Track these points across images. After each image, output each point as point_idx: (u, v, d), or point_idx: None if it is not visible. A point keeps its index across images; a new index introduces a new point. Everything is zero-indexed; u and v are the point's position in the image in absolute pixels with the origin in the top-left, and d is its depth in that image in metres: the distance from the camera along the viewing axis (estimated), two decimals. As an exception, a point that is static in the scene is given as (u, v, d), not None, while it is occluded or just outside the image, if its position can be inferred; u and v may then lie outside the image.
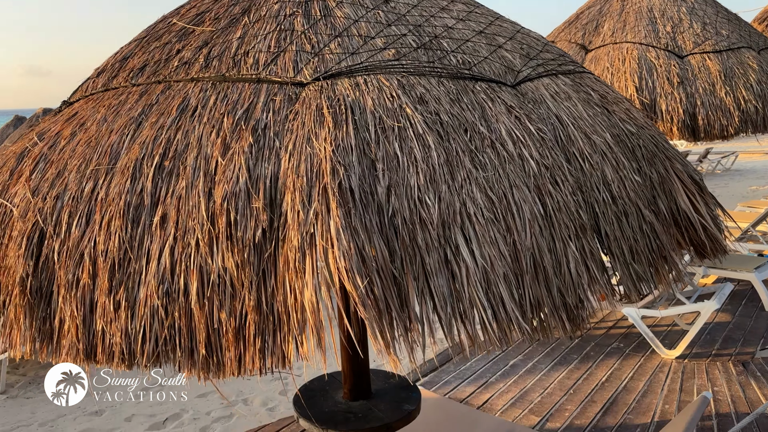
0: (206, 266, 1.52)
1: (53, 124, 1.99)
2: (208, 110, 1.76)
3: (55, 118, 2.04)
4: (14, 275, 1.65)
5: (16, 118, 18.75)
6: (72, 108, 2.06)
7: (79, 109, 2.01)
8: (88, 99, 2.05)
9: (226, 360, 1.52)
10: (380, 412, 2.85)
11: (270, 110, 1.72)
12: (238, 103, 1.76)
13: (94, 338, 1.58)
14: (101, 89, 2.04)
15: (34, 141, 1.89)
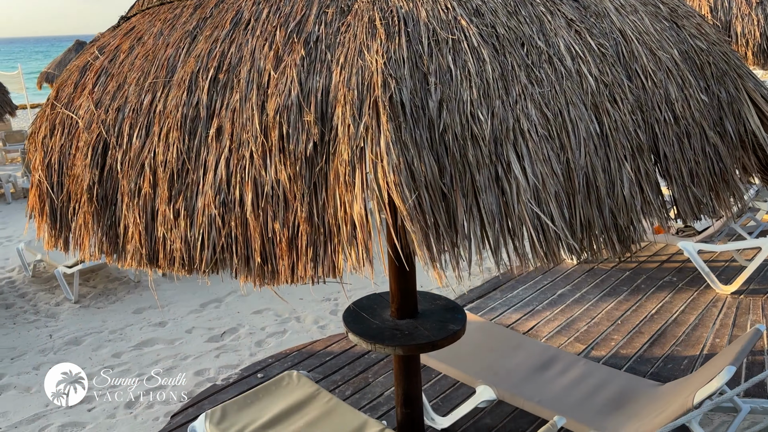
0: (260, 178, 1.56)
1: (112, 38, 2.03)
2: (261, 23, 1.75)
3: (113, 33, 2.08)
4: (82, 184, 1.74)
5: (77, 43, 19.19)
6: (129, 22, 2.09)
7: (136, 24, 2.04)
8: (145, 13, 2.07)
9: (279, 268, 1.59)
10: (426, 330, 2.94)
11: (322, 22, 1.70)
12: (290, 16, 1.74)
13: (156, 245, 1.67)
14: (157, 3, 2.05)
15: (95, 55, 1.94)
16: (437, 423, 3.53)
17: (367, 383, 4.03)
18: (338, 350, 4.51)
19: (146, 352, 5.25)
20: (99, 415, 4.33)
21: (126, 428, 4.16)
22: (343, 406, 3.15)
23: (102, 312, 6.08)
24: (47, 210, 1.84)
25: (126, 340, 5.47)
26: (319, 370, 4.25)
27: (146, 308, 6.15)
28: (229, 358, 5.07)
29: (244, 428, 2.98)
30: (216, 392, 4.09)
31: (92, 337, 5.55)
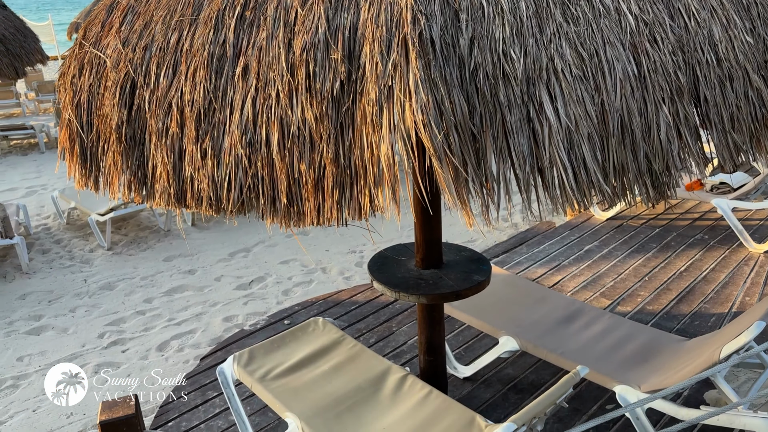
0: (286, 118, 1.55)
1: (138, -23, 2.01)
2: (287, -42, 1.70)
3: (139, -29, 2.05)
4: (110, 123, 1.75)
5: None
6: (155, -40, 2.06)
7: (161, -39, 2.01)
8: (170, -50, 2.04)
9: (305, 210, 1.59)
10: (450, 280, 2.95)
11: (350, -42, 1.65)
12: (317, -49, 1.69)
13: (184, 184, 1.68)
14: (181, -60, 2.01)
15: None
16: (459, 372, 3.58)
17: (390, 332, 4.09)
18: (363, 300, 4.57)
19: (176, 298, 5.39)
20: (132, 356, 4.49)
21: (157, 369, 4.31)
22: (367, 352, 3.20)
23: (133, 259, 6.24)
24: (77, 149, 1.86)
25: (157, 286, 5.63)
26: (344, 319, 4.32)
27: (176, 256, 6.28)
28: (256, 305, 5.19)
29: (271, 371, 3.06)
30: (244, 337, 4.20)
31: (124, 282, 5.72)
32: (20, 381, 4.24)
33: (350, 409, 2.79)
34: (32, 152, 10.82)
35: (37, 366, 4.41)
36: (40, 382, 4.20)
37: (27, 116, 14.10)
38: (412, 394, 2.86)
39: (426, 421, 2.68)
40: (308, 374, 3.05)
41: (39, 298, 5.45)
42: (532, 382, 3.50)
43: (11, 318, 5.11)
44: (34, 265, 6.13)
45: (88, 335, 4.80)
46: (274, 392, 2.90)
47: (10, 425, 3.77)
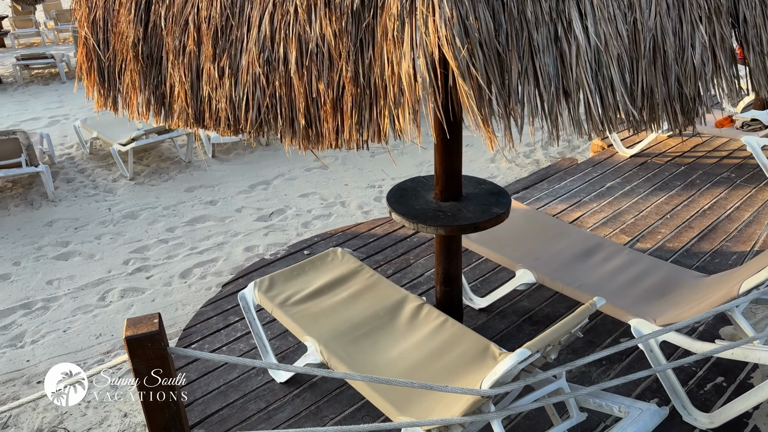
0: (305, 35, 1.51)
1: None
2: None
3: None
4: (127, 41, 1.72)
5: None
6: None
7: None
8: None
9: (324, 131, 1.57)
10: (469, 212, 2.94)
11: None
12: None
13: (202, 104, 1.67)
14: None
15: None
16: (475, 303, 3.63)
17: (408, 264, 4.13)
18: (381, 233, 4.60)
19: (198, 228, 5.48)
20: (156, 282, 4.62)
21: (180, 296, 4.44)
22: (385, 282, 3.25)
23: (155, 189, 6.32)
24: (95, 68, 1.84)
25: (179, 216, 5.72)
26: (362, 250, 4.36)
27: (197, 187, 6.35)
28: (276, 236, 5.26)
29: (290, 297, 3.13)
30: (264, 265, 4.27)
31: (147, 212, 5.81)
32: (50, 303, 4.40)
33: (367, 335, 2.86)
34: (53, 82, 10.82)
35: (66, 289, 4.56)
36: (69, 305, 4.36)
37: (47, 45, 14.04)
38: (428, 321, 2.91)
39: (441, 347, 2.74)
40: (327, 301, 3.11)
41: (65, 225, 5.58)
42: (547, 315, 3.54)
43: (39, 243, 5.26)
44: (59, 194, 6.24)
45: (114, 262, 4.94)
46: (293, 317, 2.98)
47: (42, 344, 3.95)
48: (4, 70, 11.70)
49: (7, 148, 5.82)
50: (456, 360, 2.65)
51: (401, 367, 2.64)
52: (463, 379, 2.52)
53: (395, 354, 2.73)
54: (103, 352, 3.85)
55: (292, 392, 3.04)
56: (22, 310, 4.33)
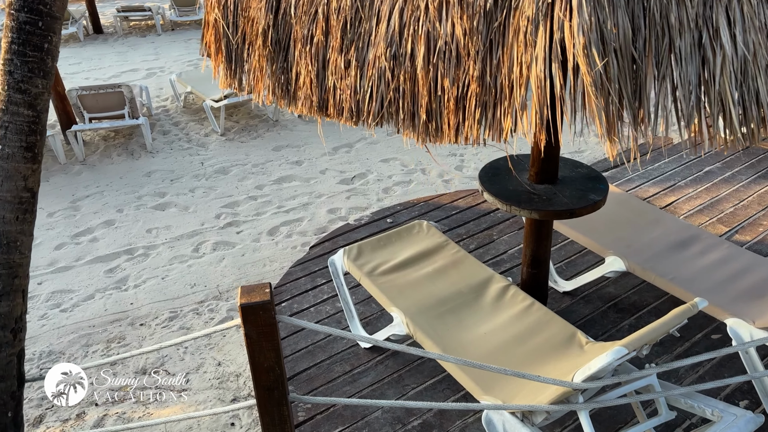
0: (434, 32, 1.52)
1: None
2: None
3: None
4: (257, 27, 1.79)
5: None
6: None
7: None
8: None
9: (444, 127, 1.59)
10: (564, 197, 2.90)
11: None
12: None
13: (326, 93, 1.72)
14: None
15: None
16: (560, 286, 3.61)
17: (491, 240, 4.14)
18: (464, 205, 4.61)
19: (285, 187, 5.67)
20: (246, 238, 4.85)
21: (268, 252, 4.65)
22: (470, 259, 3.28)
23: (245, 146, 6.55)
24: (223, 50, 1.93)
25: (267, 174, 5.92)
26: (444, 222, 4.40)
27: (284, 146, 6.53)
28: (358, 200, 5.37)
29: (377, 267, 3.23)
30: (349, 231, 4.40)
31: (237, 168, 6.06)
32: (150, 251, 4.73)
33: (452, 311, 2.92)
34: (150, 34, 11.25)
35: (164, 239, 4.88)
36: (167, 253, 4.67)
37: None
38: (514, 303, 2.94)
39: (526, 331, 2.77)
40: (413, 274, 3.19)
41: (162, 177, 5.91)
42: (633, 303, 3.48)
43: (139, 193, 5.61)
44: (156, 145, 6.59)
45: (206, 215, 5.21)
46: (381, 287, 3.08)
47: (144, 288, 4.27)
48: (105, 20, 12.25)
49: (113, 100, 6.17)
50: (542, 345, 2.68)
51: (486, 347, 2.70)
52: (549, 366, 2.55)
53: (480, 333, 2.79)
54: (197, 302, 4.12)
55: (375, 358, 3.17)
56: (125, 255, 4.67)
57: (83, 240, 4.88)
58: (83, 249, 4.76)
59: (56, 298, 4.19)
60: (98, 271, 4.48)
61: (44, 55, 2.40)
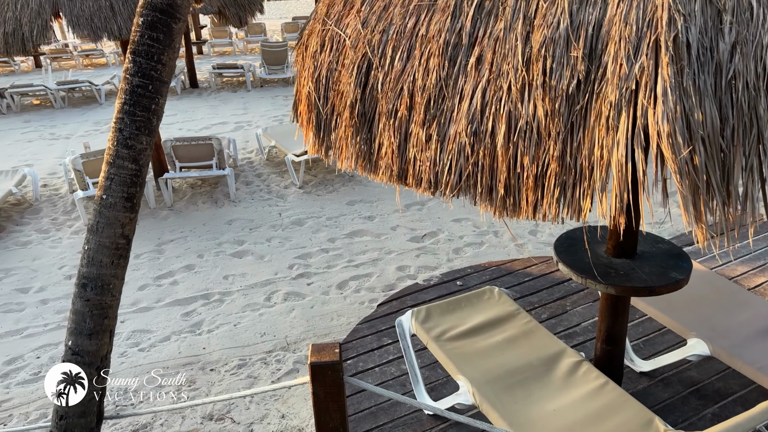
0: (515, 111, 1.56)
1: (379, -43, 2.10)
2: (533, -55, 1.67)
3: (380, -50, 2.14)
4: (345, 100, 1.90)
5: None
6: (395, -61, 2.13)
7: (402, -59, 2.07)
8: (411, -70, 2.09)
9: (522, 203, 1.61)
10: (644, 274, 2.81)
11: (602, -55, 1.57)
12: (566, -63, 1.63)
13: (406, 164, 1.79)
14: None
15: (363, -27, 2.03)
16: (636, 365, 3.44)
17: (564, 310, 4.02)
18: (537, 273, 4.53)
19: (356, 241, 5.78)
20: (316, 290, 4.95)
21: (336, 306, 4.72)
22: (542, 330, 3.20)
23: (321, 199, 6.76)
24: (313, 119, 2.05)
25: (339, 227, 6.07)
26: (516, 289, 4.33)
27: (358, 201, 6.69)
28: (428, 259, 5.39)
29: (446, 332, 3.21)
30: (418, 291, 4.40)
31: (312, 220, 6.25)
32: (225, 297, 4.90)
33: (521, 384, 2.84)
34: (240, 90, 12.00)
35: (239, 286, 5.06)
36: (240, 301, 4.82)
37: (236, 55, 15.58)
38: (587, 381, 2.83)
39: (599, 412, 2.64)
40: (481, 342, 3.14)
41: (242, 225, 6.18)
42: (717, 390, 3.26)
43: (220, 240, 5.88)
44: (239, 195, 6.92)
45: (280, 265, 5.37)
46: (448, 353, 3.05)
47: (216, 334, 4.41)
48: (201, 75, 13.19)
49: (203, 151, 6.58)
50: (615, 430, 2.54)
51: (555, 425, 2.60)
52: (623, 452, 2.42)
53: (549, 410, 2.69)
54: (266, 351, 4.21)
55: (438, 426, 3.11)
56: (202, 299, 4.87)
57: (164, 282, 5.14)
58: (164, 291, 5.00)
59: (136, 337, 4.40)
60: (176, 313, 4.68)
61: (151, 115, 2.63)
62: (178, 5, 2.53)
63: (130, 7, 5.42)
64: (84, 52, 14.68)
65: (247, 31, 15.62)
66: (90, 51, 14.77)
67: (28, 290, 5.07)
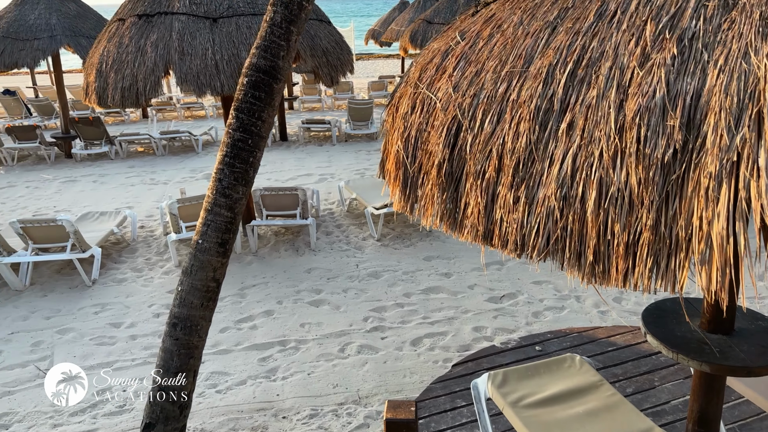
0: (607, 178, 1.55)
1: (472, 25, 2.19)
2: (629, 16, 1.69)
3: (473, 19, 2.23)
4: (433, 159, 1.95)
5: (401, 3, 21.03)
6: (489, 9, 2.22)
7: (496, 10, 2.15)
8: (505, 0, 2.17)
9: (611, 271, 1.57)
10: (741, 352, 2.62)
11: (700, 17, 1.56)
12: (663, 9, 1.64)
13: (492, 225, 1.80)
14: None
15: (457, 40, 2.12)
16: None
17: (652, 386, 3.79)
18: (622, 343, 4.31)
19: (432, 298, 5.75)
20: (389, 344, 4.94)
21: (409, 363, 4.67)
22: (627, 405, 3.03)
23: (398, 253, 6.81)
24: (400, 177, 2.12)
25: (416, 283, 6.07)
26: (599, 359, 4.13)
27: (435, 257, 6.68)
28: (505, 321, 5.26)
29: (523, 398, 3.10)
30: (495, 353, 4.30)
31: (389, 273, 6.29)
32: (301, 345, 4.98)
33: (603, 462, 2.68)
34: (326, 143, 12.49)
35: (314, 335, 5.13)
36: (315, 350, 4.88)
37: (324, 111, 16.30)
38: (676, 465, 2.63)
39: (691, 501, 2.44)
40: (561, 412, 3.01)
41: (321, 274, 6.31)
42: (829, 491, 2.93)
43: (299, 287, 6.02)
44: (319, 244, 7.10)
45: (356, 316, 5.42)
46: (524, 420, 2.93)
47: (290, 382, 4.47)
48: (291, 129, 13.87)
49: (289, 201, 6.85)
50: None
51: None
52: None
53: (634, 493, 2.51)
54: (337, 403, 4.21)
55: (511, 498, 2.97)
56: (278, 346, 4.97)
57: (244, 326, 5.30)
58: (243, 335, 5.15)
59: (214, 378, 4.54)
60: (253, 358, 4.80)
61: (248, 167, 2.80)
62: (280, 67, 2.73)
63: (233, 67, 5.85)
64: (186, 104, 15.86)
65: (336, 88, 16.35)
66: (191, 104, 15.94)
67: (120, 325, 5.38)
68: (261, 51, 2.65)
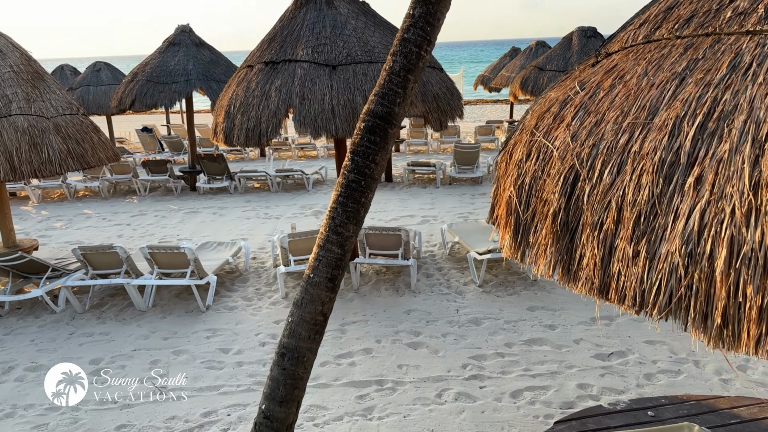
0: (739, 237, 1.46)
1: (592, 75, 2.17)
2: (765, 69, 1.61)
3: (593, 69, 2.22)
4: (548, 207, 1.93)
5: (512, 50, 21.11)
6: (611, 59, 2.20)
7: (618, 61, 2.13)
8: (628, 50, 2.14)
9: (742, 335, 1.47)
10: None
11: None
12: (805, 60, 1.55)
13: (609, 278, 1.74)
14: (642, 41, 2.10)
15: (576, 90, 2.11)
16: None
17: (783, 468, 3.39)
18: (747, 416, 3.91)
19: (534, 350, 5.55)
20: (488, 394, 4.81)
21: (508, 415, 4.51)
22: (754, 488, 2.73)
23: (500, 301, 6.67)
24: (512, 223, 2.11)
25: (518, 333, 5.89)
26: (720, 431, 3.77)
27: (539, 308, 6.47)
28: (613, 381, 4.96)
29: (633, 466, 2.89)
30: (601, 414, 4.05)
31: (490, 321, 6.16)
32: (398, 386, 4.97)
33: None
34: (430, 186, 12.63)
35: (412, 377, 5.10)
36: (412, 392, 4.85)
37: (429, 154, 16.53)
38: None
39: None
40: (676, 486, 2.77)
41: (420, 316, 6.31)
42: None
43: (398, 328, 6.05)
44: (419, 286, 7.12)
45: (454, 362, 5.34)
46: (634, 491, 2.73)
47: (386, 423, 4.46)
48: (396, 171, 14.18)
49: (391, 241, 6.96)
50: None
51: None
52: None
53: None
54: (432, 450, 4.14)
55: None
56: (376, 385, 4.99)
57: (343, 362, 5.38)
58: (342, 371, 5.23)
59: (312, 411, 4.63)
60: (351, 394, 4.85)
61: (360, 207, 2.90)
62: (396, 113, 2.84)
63: (347, 111, 6.14)
64: (300, 145, 16.73)
65: (442, 132, 16.57)
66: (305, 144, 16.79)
67: (229, 351, 5.66)
68: (379, 98, 2.78)
